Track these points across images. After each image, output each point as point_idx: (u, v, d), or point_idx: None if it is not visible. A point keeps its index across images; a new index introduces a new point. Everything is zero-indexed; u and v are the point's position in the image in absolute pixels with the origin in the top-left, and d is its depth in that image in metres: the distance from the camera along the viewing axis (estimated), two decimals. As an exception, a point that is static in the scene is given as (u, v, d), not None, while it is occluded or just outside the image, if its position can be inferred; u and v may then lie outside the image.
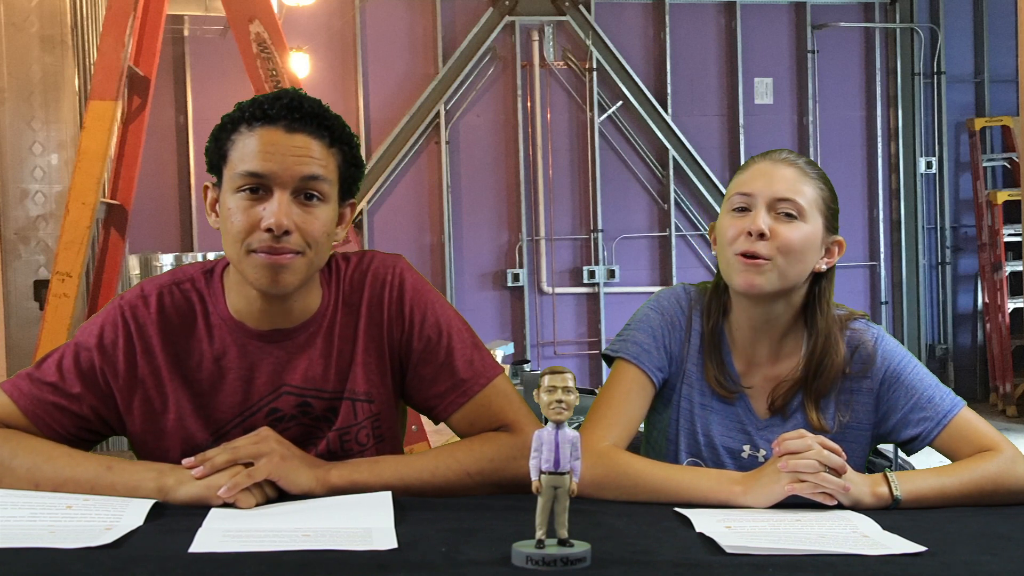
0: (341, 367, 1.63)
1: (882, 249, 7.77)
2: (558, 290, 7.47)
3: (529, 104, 7.40)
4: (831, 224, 1.75)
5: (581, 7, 7.34)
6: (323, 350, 1.63)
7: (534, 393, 1.19)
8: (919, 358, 2.96)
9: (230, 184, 1.55)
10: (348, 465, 1.55)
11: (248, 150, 1.53)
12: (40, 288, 4.20)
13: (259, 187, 1.53)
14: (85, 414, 1.60)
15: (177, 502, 1.45)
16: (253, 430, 1.56)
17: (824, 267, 1.75)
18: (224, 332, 1.61)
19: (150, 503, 1.42)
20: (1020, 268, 7.55)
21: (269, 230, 1.51)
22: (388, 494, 1.47)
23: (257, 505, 1.45)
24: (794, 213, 1.70)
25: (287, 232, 1.51)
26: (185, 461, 1.49)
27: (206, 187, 1.63)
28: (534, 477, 1.18)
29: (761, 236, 1.67)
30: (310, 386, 1.62)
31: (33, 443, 1.54)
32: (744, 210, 1.71)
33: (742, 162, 1.87)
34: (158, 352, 1.60)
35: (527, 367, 5.71)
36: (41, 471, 1.51)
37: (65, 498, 1.45)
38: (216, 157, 1.58)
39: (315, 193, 1.55)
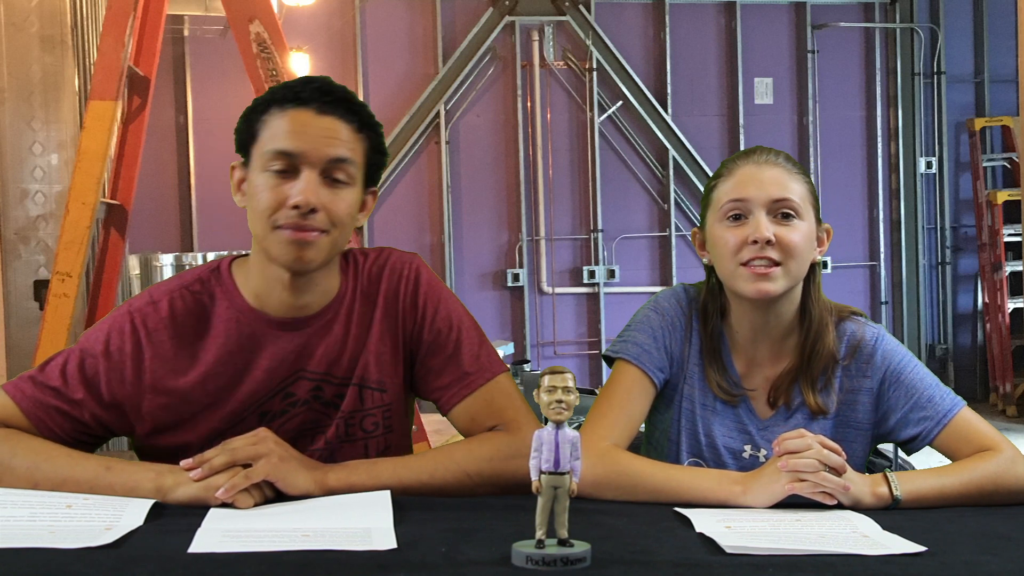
0: (354, 353, 1.66)
1: (882, 249, 7.75)
2: (558, 290, 7.47)
3: (529, 104, 7.40)
4: (818, 214, 1.77)
5: (581, 7, 7.33)
6: (340, 335, 1.66)
7: (534, 393, 1.19)
8: (919, 358, 2.96)
9: (259, 162, 1.58)
10: (346, 467, 1.55)
11: (279, 129, 1.57)
12: (40, 288, 4.20)
13: (288, 166, 1.56)
14: (86, 420, 1.60)
15: (175, 503, 1.45)
16: (269, 415, 1.59)
17: (818, 256, 1.77)
18: (242, 324, 1.63)
19: (150, 503, 1.42)
20: (1020, 268, 7.54)
21: (296, 207, 1.54)
22: (387, 493, 1.47)
23: (256, 505, 1.45)
24: (791, 212, 1.70)
25: (313, 210, 1.55)
26: (183, 462, 1.49)
27: (233, 167, 1.66)
28: (534, 477, 1.18)
29: (767, 243, 1.68)
30: (325, 371, 1.64)
31: (33, 443, 1.55)
32: (739, 217, 1.71)
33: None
34: (171, 355, 1.61)
35: (527, 367, 5.72)
36: (40, 470, 1.51)
37: (65, 498, 1.45)
38: (246, 136, 1.61)
39: (342, 174, 1.58)
